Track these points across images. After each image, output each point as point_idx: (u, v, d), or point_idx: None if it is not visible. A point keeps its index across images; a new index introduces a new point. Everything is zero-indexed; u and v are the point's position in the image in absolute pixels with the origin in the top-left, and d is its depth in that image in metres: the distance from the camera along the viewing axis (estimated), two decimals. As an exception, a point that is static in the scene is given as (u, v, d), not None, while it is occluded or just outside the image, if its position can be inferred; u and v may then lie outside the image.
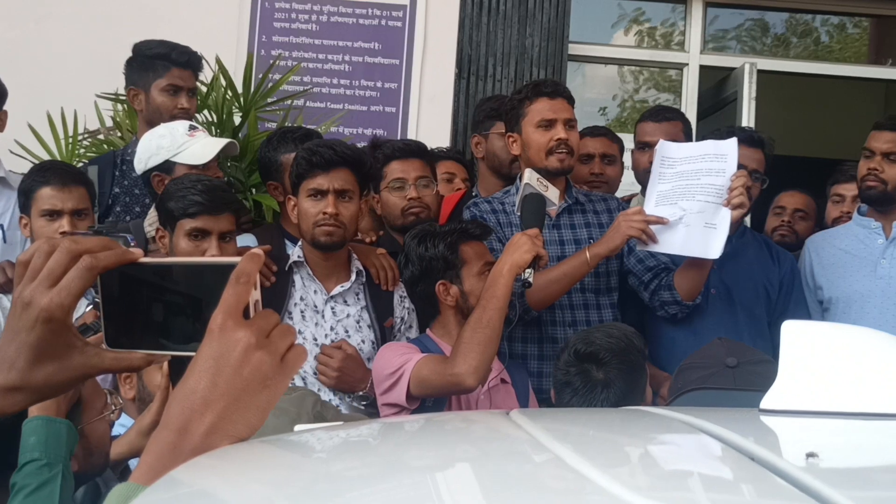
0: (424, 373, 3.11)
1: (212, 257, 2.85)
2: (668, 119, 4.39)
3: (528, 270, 3.16)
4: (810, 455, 1.02)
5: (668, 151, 3.58)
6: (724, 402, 2.16)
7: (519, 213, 3.40)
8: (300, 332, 3.35)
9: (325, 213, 3.30)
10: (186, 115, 4.02)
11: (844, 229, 4.21)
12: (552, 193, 3.38)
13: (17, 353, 1.19)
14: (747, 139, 3.95)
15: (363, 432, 1.44)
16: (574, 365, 2.73)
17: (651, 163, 3.79)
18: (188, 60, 4.13)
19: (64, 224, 3.47)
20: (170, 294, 1.22)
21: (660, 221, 3.47)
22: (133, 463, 2.54)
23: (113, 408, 2.27)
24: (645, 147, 4.32)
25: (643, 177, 4.26)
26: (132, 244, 3.22)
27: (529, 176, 3.36)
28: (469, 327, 3.10)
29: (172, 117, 3.98)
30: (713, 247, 3.46)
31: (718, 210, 3.46)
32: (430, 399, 3.21)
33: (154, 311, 1.22)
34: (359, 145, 4.08)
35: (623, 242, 3.51)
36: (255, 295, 1.14)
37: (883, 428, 1.29)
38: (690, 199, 3.48)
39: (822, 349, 1.40)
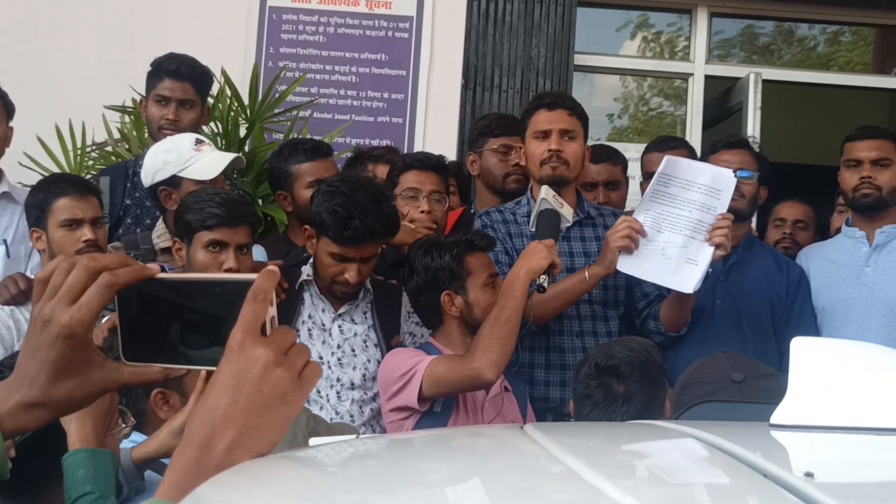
0: (440, 370, 3.14)
1: (228, 274, 2.85)
2: (672, 147, 4.47)
3: (543, 276, 3.25)
4: (808, 475, 1.03)
5: (669, 169, 3.57)
6: (732, 414, 2.16)
7: (534, 228, 3.45)
8: None
9: (348, 281, 3.31)
10: (174, 127, 3.99)
11: (834, 241, 4.24)
12: (566, 211, 3.45)
13: (37, 370, 1.21)
14: (726, 144, 4.05)
15: (378, 446, 1.45)
16: (594, 378, 2.73)
17: None
18: (177, 70, 4.10)
19: (86, 232, 3.47)
20: (186, 309, 1.23)
21: (640, 231, 3.50)
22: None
23: (123, 425, 2.28)
24: (651, 177, 4.35)
25: None
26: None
27: (546, 192, 3.43)
28: (488, 325, 3.17)
29: (159, 128, 4.00)
30: (689, 281, 3.50)
31: (702, 247, 3.50)
32: (437, 404, 3.23)
33: (171, 326, 1.24)
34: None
35: (615, 257, 3.52)
36: (272, 311, 1.15)
37: (893, 443, 1.30)
38: (677, 233, 3.51)
39: (831, 365, 1.41)
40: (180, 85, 4.10)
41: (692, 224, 3.51)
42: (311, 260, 3.49)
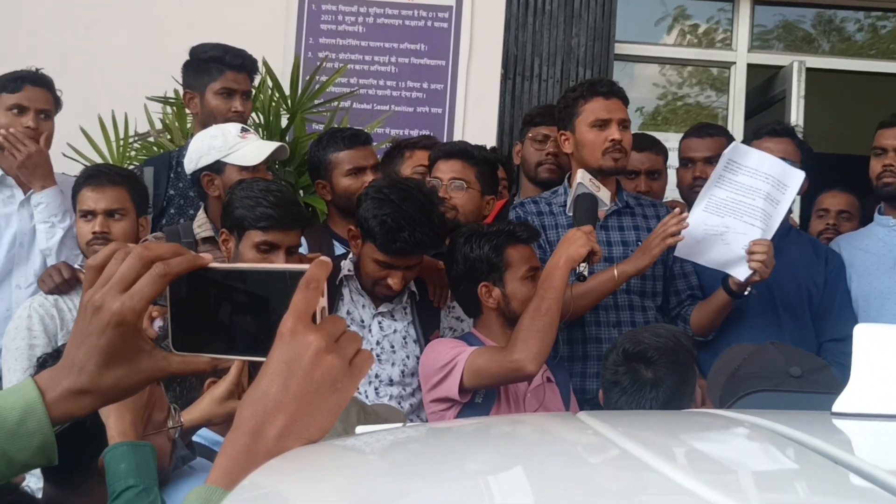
0: (481, 362, 3.12)
1: (280, 264, 2.84)
2: (712, 135, 4.41)
3: (583, 265, 3.22)
4: None
5: (737, 155, 3.53)
6: (788, 405, 2.13)
7: (571, 213, 3.41)
8: None
9: (391, 286, 3.32)
10: (240, 118, 4.02)
11: (867, 230, 4.19)
12: (604, 194, 3.40)
13: (87, 357, 1.21)
14: (770, 132, 3.98)
15: (426, 433, 1.44)
16: (622, 364, 2.71)
17: (695, 178, 3.93)
18: (242, 63, 4.14)
19: (96, 225, 3.51)
20: (238, 299, 1.23)
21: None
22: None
23: (171, 423, 2.27)
24: (688, 163, 4.33)
25: (687, 193, 4.31)
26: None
27: (582, 176, 3.39)
28: (528, 316, 3.13)
29: (226, 120, 4.00)
30: (742, 269, 3.51)
31: (764, 236, 3.49)
32: (479, 395, 3.21)
33: (221, 316, 1.23)
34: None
35: (651, 262, 3.50)
36: (323, 301, 1.15)
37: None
38: (738, 219, 3.48)
39: (895, 352, 1.38)
40: (243, 77, 4.14)
41: (756, 213, 3.48)
42: (350, 255, 3.48)
